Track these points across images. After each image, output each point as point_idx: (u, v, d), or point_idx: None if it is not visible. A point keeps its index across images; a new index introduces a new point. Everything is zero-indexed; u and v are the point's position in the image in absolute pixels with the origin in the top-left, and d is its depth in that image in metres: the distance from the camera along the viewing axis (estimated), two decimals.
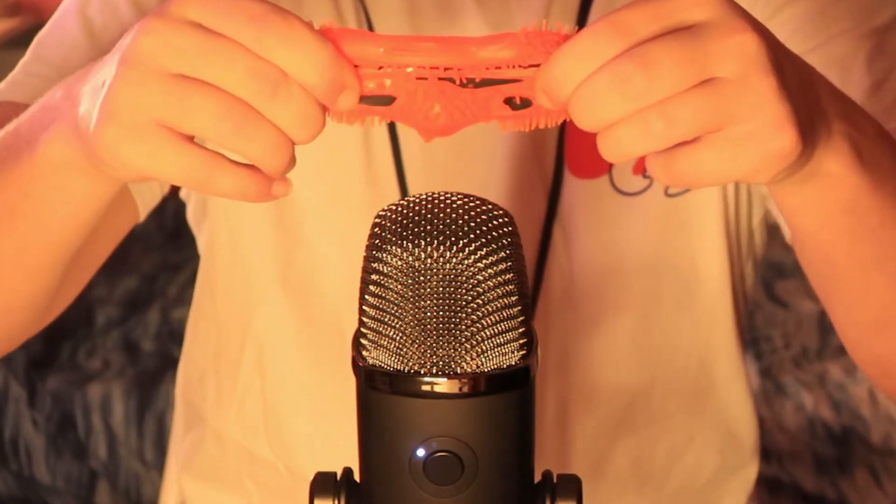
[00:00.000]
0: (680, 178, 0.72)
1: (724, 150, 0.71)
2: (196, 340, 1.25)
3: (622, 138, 0.71)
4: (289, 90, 0.71)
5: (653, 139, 0.70)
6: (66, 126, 0.81)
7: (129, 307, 2.79)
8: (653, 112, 0.70)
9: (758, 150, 0.71)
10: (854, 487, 2.48)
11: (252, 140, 0.71)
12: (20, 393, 2.58)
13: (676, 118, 0.70)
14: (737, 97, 0.70)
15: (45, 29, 1.12)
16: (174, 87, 0.71)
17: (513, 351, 0.70)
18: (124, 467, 2.55)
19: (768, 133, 0.71)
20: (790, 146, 0.72)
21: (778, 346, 2.71)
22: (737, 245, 1.18)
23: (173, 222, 2.82)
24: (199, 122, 0.71)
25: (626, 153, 0.71)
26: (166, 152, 0.73)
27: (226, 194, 0.74)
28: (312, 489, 0.74)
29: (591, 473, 1.19)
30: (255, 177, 0.74)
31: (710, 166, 0.72)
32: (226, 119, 0.71)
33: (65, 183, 0.84)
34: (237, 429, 1.22)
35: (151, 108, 0.72)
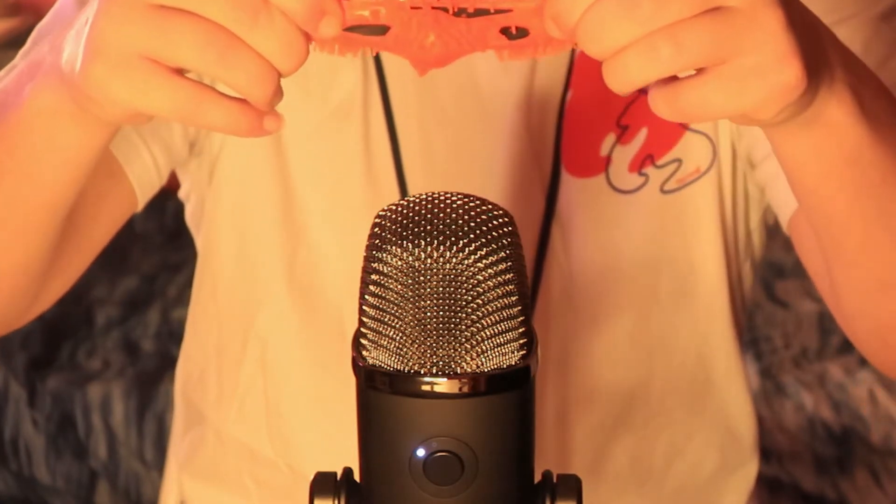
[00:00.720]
0: (684, 111, 0.72)
1: (729, 81, 0.71)
2: (196, 338, 1.25)
3: (629, 64, 0.70)
4: (270, 17, 0.71)
5: (660, 64, 0.70)
6: (52, 74, 0.81)
7: (129, 307, 2.79)
8: (660, 36, 0.70)
9: (763, 82, 0.71)
10: (854, 487, 2.48)
11: (236, 68, 0.72)
12: (20, 393, 2.58)
13: (684, 43, 0.70)
14: (744, 27, 0.70)
15: (45, 19, 1.12)
16: (156, 18, 0.72)
17: (513, 351, 0.71)
18: (124, 467, 2.55)
19: (774, 66, 0.71)
20: (795, 80, 0.72)
21: (778, 346, 2.71)
22: (734, 244, 1.18)
23: (173, 222, 2.82)
24: (182, 53, 0.72)
25: (632, 80, 0.71)
26: (154, 85, 0.73)
27: (216, 127, 0.75)
28: (312, 489, 0.74)
29: (591, 472, 1.19)
30: (246, 110, 0.74)
31: (715, 98, 0.72)
32: (208, 48, 0.71)
33: (53, 132, 0.84)
34: (238, 427, 1.22)
35: (135, 40, 0.73)
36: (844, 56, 0.81)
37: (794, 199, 1.08)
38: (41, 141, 0.85)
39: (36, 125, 0.84)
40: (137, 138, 1.11)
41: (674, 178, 1.14)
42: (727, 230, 1.17)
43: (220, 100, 0.74)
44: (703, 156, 1.14)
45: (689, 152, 1.14)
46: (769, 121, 0.75)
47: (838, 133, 0.80)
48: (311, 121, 1.14)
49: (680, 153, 1.14)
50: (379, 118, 1.13)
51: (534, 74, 1.12)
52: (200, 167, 1.18)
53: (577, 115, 1.12)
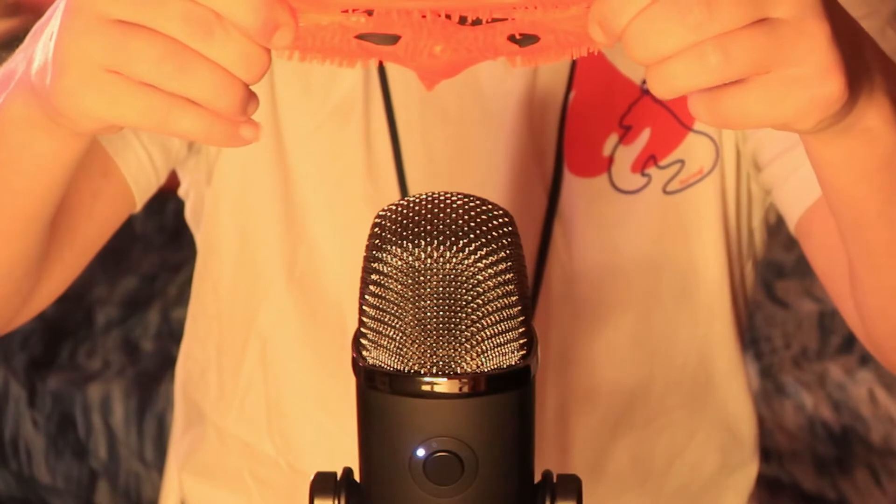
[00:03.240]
0: (725, 117, 0.73)
1: (771, 91, 0.71)
2: (196, 336, 1.25)
3: (676, 71, 0.71)
4: (224, 31, 0.72)
5: (707, 73, 0.70)
6: (24, 83, 0.82)
7: (129, 307, 2.79)
8: (710, 45, 0.70)
9: (805, 94, 0.72)
10: (854, 487, 2.48)
11: (195, 80, 0.72)
12: (20, 393, 2.58)
13: (733, 53, 0.70)
14: (791, 39, 0.71)
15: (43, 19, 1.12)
16: (114, 32, 0.73)
17: (513, 351, 0.71)
18: (124, 467, 2.55)
19: (817, 78, 0.72)
20: (837, 93, 0.72)
21: (778, 346, 2.71)
22: (736, 243, 1.18)
23: (173, 222, 2.82)
24: (140, 66, 0.72)
25: (679, 86, 0.71)
26: (122, 96, 0.73)
27: (189, 135, 0.75)
28: (312, 489, 0.74)
29: (592, 472, 1.19)
30: (219, 118, 0.74)
31: (755, 107, 0.72)
32: (166, 61, 0.72)
33: (28, 142, 0.84)
34: (239, 424, 1.22)
35: (95, 54, 0.73)
36: (884, 63, 0.81)
37: (802, 202, 1.09)
38: (15, 151, 0.86)
39: (11, 135, 0.85)
40: (133, 137, 1.11)
41: (676, 179, 1.14)
42: (730, 231, 1.17)
43: (192, 108, 0.74)
44: (706, 157, 1.14)
45: (692, 153, 1.14)
46: (808, 131, 0.75)
47: (873, 139, 0.81)
48: (312, 119, 1.14)
49: (683, 154, 1.14)
50: (380, 116, 1.13)
51: (536, 74, 1.12)
52: (199, 165, 1.18)
53: (579, 115, 1.12)
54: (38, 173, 0.88)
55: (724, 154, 1.14)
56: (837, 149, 0.82)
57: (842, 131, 0.79)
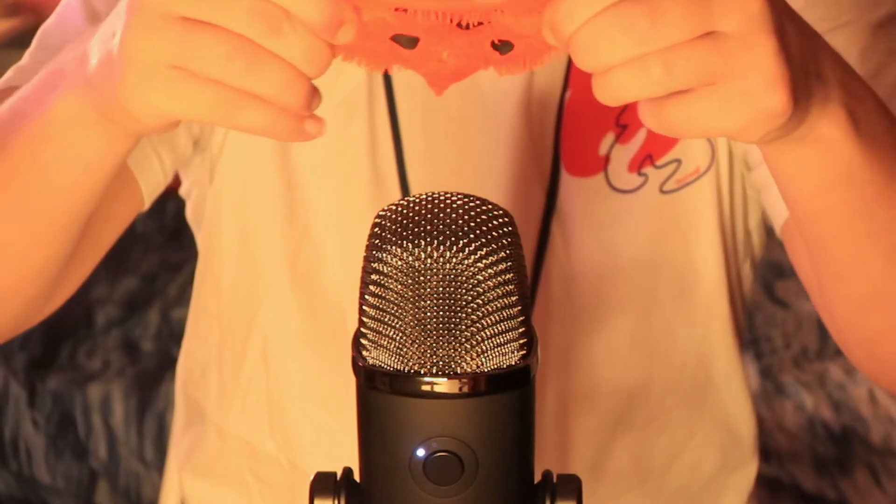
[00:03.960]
0: (670, 125, 0.74)
1: (716, 102, 0.72)
2: (197, 335, 1.25)
3: (620, 81, 0.72)
4: (292, 27, 0.73)
5: (650, 85, 0.71)
6: (78, 82, 0.82)
7: (129, 307, 2.79)
8: (654, 58, 0.71)
9: (749, 107, 0.73)
10: (854, 487, 2.49)
11: (263, 77, 0.73)
12: (20, 393, 2.58)
13: (676, 67, 0.71)
14: (737, 53, 0.72)
15: (50, 20, 1.12)
16: (183, 30, 0.73)
17: (513, 351, 0.71)
18: (124, 467, 2.55)
19: (761, 92, 0.72)
20: (781, 107, 0.73)
21: (778, 346, 2.71)
22: (732, 243, 1.18)
23: (173, 222, 2.82)
24: (210, 64, 0.73)
25: (621, 97, 0.72)
26: (191, 92, 0.74)
27: (255, 129, 0.76)
28: (312, 489, 0.74)
29: (591, 472, 1.19)
30: (284, 112, 0.75)
31: (700, 117, 0.73)
32: (235, 58, 0.73)
33: (77, 140, 0.85)
34: (240, 423, 1.22)
35: (164, 52, 0.74)
36: (843, 74, 0.82)
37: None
38: (63, 150, 0.86)
39: (59, 134, 0.85)
40: (143, 138, 1.11)
41: (673, 179, 1.14)
42: (726, 230, 1.17)
43: (258, 103, 0.75)
44: (702, 156, 1.14)
45: (688, 152, 1.14)
46: (755, 141, 0.76)
47: (830, 150, 0.81)
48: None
49: (679, 153, 1.14)
50: (383, 115, 1.13)
51: (533, 75, 1.12)
52: (202, 164, 1.18)
53: (575, 114, 1.13)
54: (83, 173, 0.88)
55: (719, 153, 1.14)
56: (793, 159, 0.82)
57: (796, 141, 0.79)
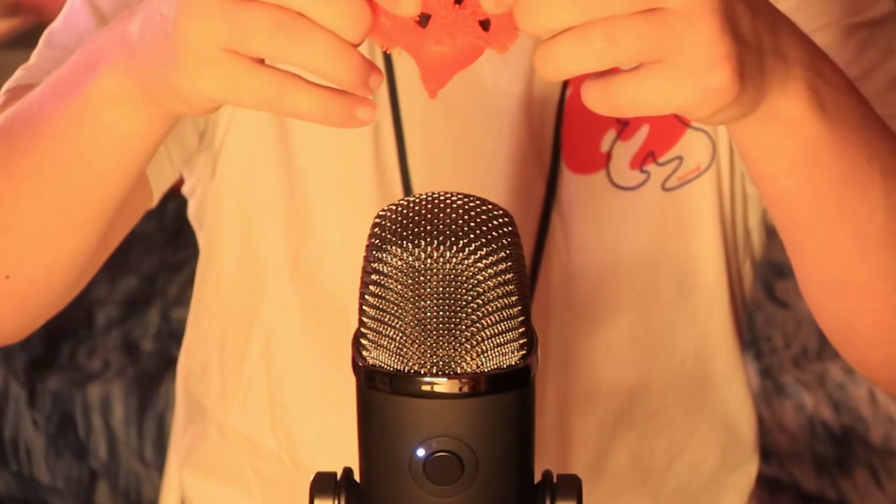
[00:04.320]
0: (617, 104, 0.73)
1: (661, 80, 0.72)
2: (198, 333, 1.25)
3: (561, 52, 0.72)
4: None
5: (591, 57, 0.71)
6: (118, 62, 0.82)
7: (129, 307, 2.79)
8: (596, 29, 0.71)
9: (694, 84, 0.73)
10: (854, 487, 2.48)
11: (308, 48, 0.73)
12: (20, 393, 2.58)
13: (618, 39, 0.71)
14: (680, 29, 0.72)
15: (56, 22, 1.13)
16: (229, 8, 0.73)
17: (513, 351, 0.71)
18: (124, 467, 2.55)
19: (705, 69, 0.72)
20: (726, 84, 0.73)
21: (778, 346, 2.71)
22: (733, 242, 1.18)
23: (173, 223, 2.82)
24: (254, 40, 0.73)
25: (564, 68, 0.72)
26: (241, 76, 0.74)
27: (305, 115, 0.76)
28: (312, 489, 0.74)
29: (592, 471, 1.19)
30: (337, 97, 0.75)
31: (647, 95, 0.73)
32: (278, 31, 0.73)
33: (116, 120, 0.85)
34: (241, 420, 1.22)
35: (215, 34, 0.74)
36: (808, 54, 0.82)
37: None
38: (102, 130, 0.86)
39: (98, 114, 0.85)
40: None
41: (675, 176, 1.14)
42: (727, 228, 1.17)
43: (308, 86, 0.75)
44: (703, 153, 1.14)
45: (689, 150, 1.14)
46: (707, 120, 0.76)
47: (795, 130, 0.81)
48: None
49: (681, 150, 1.14)
50: (385, 111, 1.13)
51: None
52: (206, 162, 1.18)
53: (577, 112, 1.13)
54: (121, 156, 0.88)
55: (720, 151, 1.14)
56: (759, 139, 0.82)
57: (759, 121, 0.79)
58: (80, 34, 1.09)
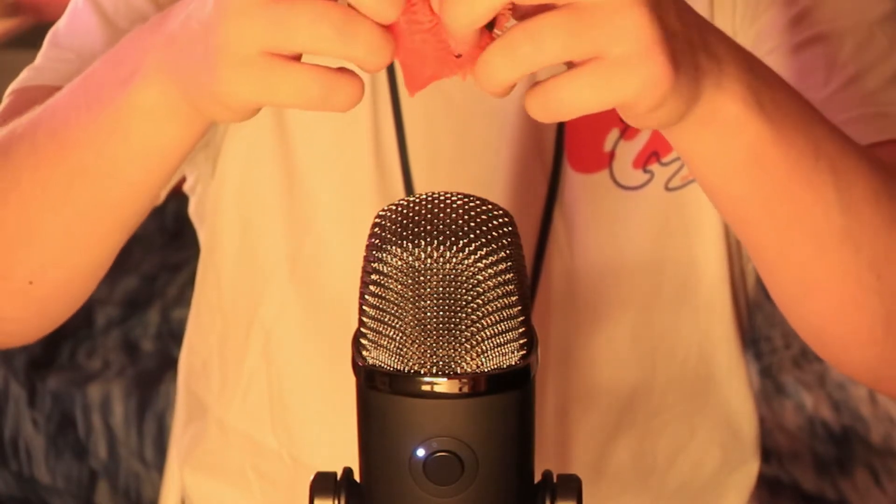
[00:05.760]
0: (557, 108, 0.73)
1: (596, 76, 0.72)
2: (199, 330, 1.25)
3: (491, 64, 0.72)
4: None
5: (521, 62, 0.71)
6: (154, 73, 0.81)
7: (129, 307, 2.79)
8: (519, 33, 0.71)
9: (629, 75, 0.72)
10: (854, 487, 2.48)
11: (354, 41, 0.73)
12: (20, 393, 2.58)
13: (542, 40, 0.71)
14: (606, 22, 0.71)
15: (60, 22, 1.13)
16: (270, 8, 0.73)
17: (513, 351, 0.71)
18: (124, 467, 2.55)
19: (638, 58, 0.72)
20: (661, 72, 0.72)
21: (778, 346, 2.71)
22: (736, 241, 1.18)
23: (173, 223, 2.82)
24: (300, 36, 0.73)
25: (499, 80, 0.73)
26: (282, 78, 0.74)
27: (344, 108, 0.75)
28: (312, 489, 0.74)
29: (593, 470, 1.19)
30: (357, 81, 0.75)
31: (584, 93, 0.72)
32: (324, 26, 0.72)
33: (149, 132, 0.84)
34: (241, 417, 1.22)
35: (257, 35, 0.74)
36: (740, 55, 0.81)
37: None
38: (136, 141, 0.85)
39: (133, 122, 0.84)
40: None
41: (678, 176, 1.14)
42: (729, 228, 1.17)
43: (343, 77, 0.74)
44: None
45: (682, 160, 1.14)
46: (647, 118, 0.75)
47: (734, 129, 0.80)
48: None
49: None
50: (386, 109, 1.13)
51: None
52: (206, 159, 1.18)
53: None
54: (153, 164, 0.87)
55: None
56: (699, 142, 0.81)
57: (698, 123, 0.79)
58: (85, 34, 1.09)
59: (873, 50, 1.06)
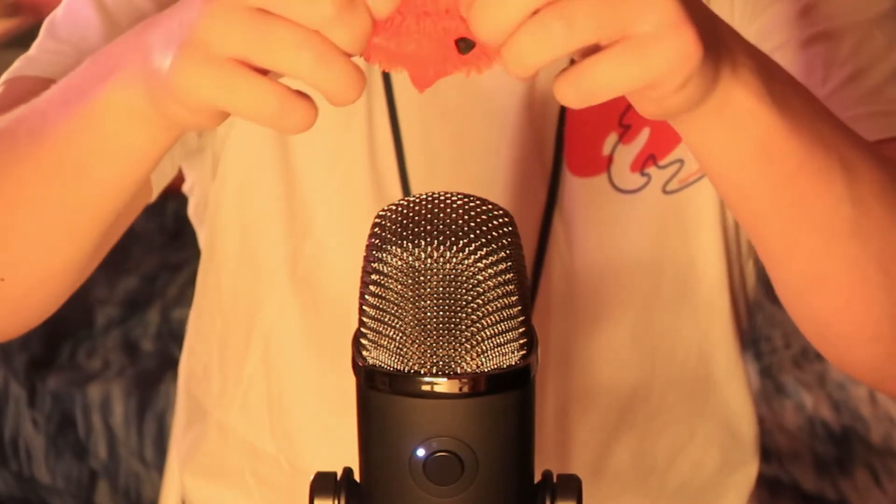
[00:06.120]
0: (592, 91, 0.73)
1: (627, 54, 0.72)
2: (199, 333, 1.25)
3: (523, 45, 0.71)
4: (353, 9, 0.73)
5: (554, 43, 0.71)
6: (131, 71, 0.81)
7: (129, 307, 2.79)
8: (550, 14, 0.71)
9: (661, 50, 0.72)
10: (854, 487, 2.48)
11: (330, 72, 0.73)
12: (20, 393, 2.58)
13: (575, 19, 0.71)
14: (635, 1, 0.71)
15: (58, 11, 1.12)
16: (257, 20, 0.73)
17: (513, 351, 0.70)
18: (124, 467, 2.55)
19: (669, 33, 0.72)
20: (691, 46, 0.72)
21: (778, 346, 2.71)
22: (735, 242, 1.18)
23: (173, 223, 2.82)
24: (280, 54, 0.73)
25: (529, 62, 0.72)
26: (242, 85, 0.74)
27: (295, 129, 0.75)
28: (312, 489, 0.74)
29: (592, 471, 1.19)
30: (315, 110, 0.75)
31: (617, 72, 0.72)
32: (305, 48, 0.72)
33: (120, 131, 0.84)
34: (241, 422, 1.22)
35: (235, 41, 0.73)
36: (749, 47, 0.81)
37: None
38: (106, 139, 0.85)
39: (104, 122, 0.84)
40: None
41: (676, 179, 1.14)
42: (729, 229, 1.17)
43: (301, 101, 0.75)
44: None
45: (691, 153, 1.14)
46: (671, 99, 0.75)
47: (746, 120, 0.80)
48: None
49: (682, 153, 1.14)
50: (382, 112, 1.13)
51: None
52: (205, 161, 1.18)
53: (578, 114, 1.13)
54: (122, 165, 0.87)
55: None
56: (712, 132, 0.81)
57: (711, 114, 0.79)
58: (83, 27, 1.09)
59: (872, 48, 1.06)
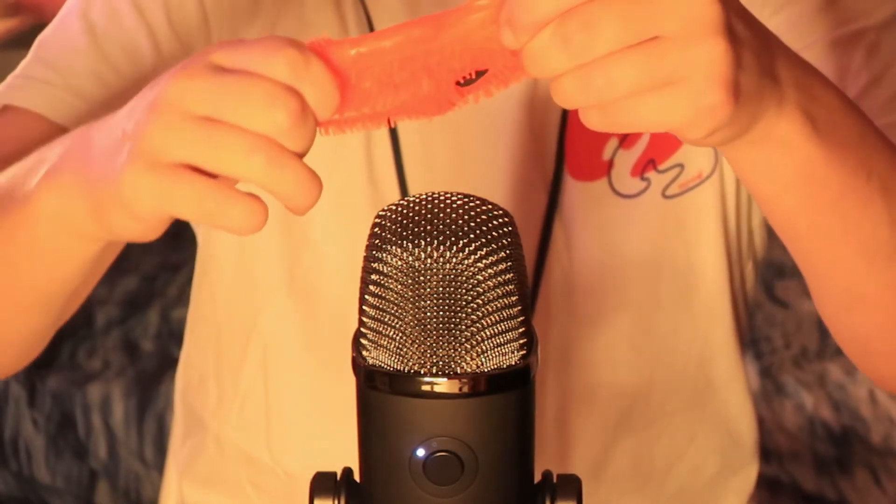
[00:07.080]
0: (617, 124, 0.74)
1: (659, 100, 0.72)
2: (195, 344, 1.25)
3: (566, 90, 0.73)
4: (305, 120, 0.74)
5: (592, 95, 0.72)
6: (69, 178, 0.81)
7: (129, 307, 2.79)
8: (593, 69, 0.71)
9: (689, 103, 0.73)
10: (854, 487, 2.49)
11: (283, 175, 0.73)
12: (20, 393, 2.58)
13: (616, 76, 0.71)
14: (677, 56, 0.72)
15: (48, 31, 1.11)
16: (204, 127, 0.72)
17: (513, 351, 0.71)
18: (124, 467, 2.55)
19: (700, 88, 0.72)
20: (719, 103, 0.73)
21: (778, 346, 2.71)
22: (736, 245, 1.18)
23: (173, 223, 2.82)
24: (230, 160, 0.72)
25: (570, 103, 0.73)
26: (183, 188, 0.73)
27: (233, 228, 0.75)
28: (312, 489, 0.74)
29: (592, 473, 1.19)
30: (264, 208, 0.74)
31: (643, 112, 0.73)
32: (256, 152, 0.72)
33: (53, 235, 0.84)
34: (238, 433, 1.22)
35: (182, 148, 0.73)
36: (800, 73, 0.82)
37: None
38: (40, 240, 0.86)
39: (37, 225, 0.85)
40: None
41: (676, 183, 1.15)
42: (729, 233, 1.17)
43: (245, 201, 0.74)
44: (704, 161, 1.14)
45: (690, 157, 1.14)
46: (702, 141, 0.76)
47: (788, 151, 0.81)
48: None
49: (682, 158, 1.14)
50: None
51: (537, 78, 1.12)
52: None
53: (579, 119, 1.12)
54: (57, 265, 0.88)
55: (723, 158, 1.14)
56: (753, 160, 0.83)
57: (755, 144, 0.80)
58: (72, 53, 1.09)
59: (882, 56, 1.06)
